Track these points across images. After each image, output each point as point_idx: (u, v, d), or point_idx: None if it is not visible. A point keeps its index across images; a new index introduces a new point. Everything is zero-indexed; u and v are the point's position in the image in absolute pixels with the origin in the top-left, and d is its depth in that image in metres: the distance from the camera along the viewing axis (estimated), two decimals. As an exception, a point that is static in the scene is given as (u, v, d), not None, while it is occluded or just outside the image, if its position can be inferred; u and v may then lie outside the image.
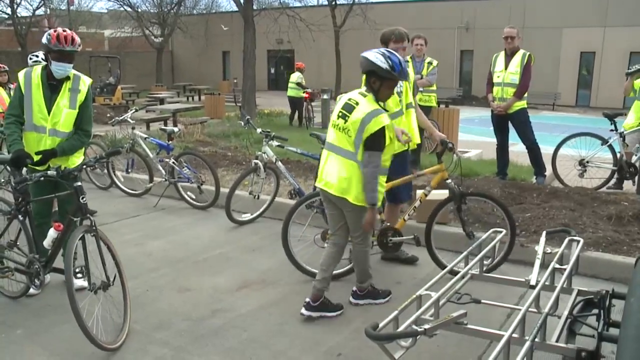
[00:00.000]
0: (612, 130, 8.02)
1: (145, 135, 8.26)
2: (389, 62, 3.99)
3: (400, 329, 2.84)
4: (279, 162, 6.90)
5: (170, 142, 7.79)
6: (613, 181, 7.95)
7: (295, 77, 17.01)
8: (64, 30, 4.42)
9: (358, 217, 4.25)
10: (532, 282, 3.35)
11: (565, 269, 3.43)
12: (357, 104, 4.10)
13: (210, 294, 4.81)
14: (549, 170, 8.12)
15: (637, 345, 2.32)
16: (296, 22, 24.99)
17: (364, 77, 4.25)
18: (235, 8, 20.03)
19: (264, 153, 6.74)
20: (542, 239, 3.83)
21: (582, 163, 8.07)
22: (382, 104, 4.20)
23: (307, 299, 4.36)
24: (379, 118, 3.99)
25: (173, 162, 7.55)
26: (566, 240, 3.87)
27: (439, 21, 30.33)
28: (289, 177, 6.80)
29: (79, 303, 3.69)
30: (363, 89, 4.23)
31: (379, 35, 5.32)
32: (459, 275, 3.55)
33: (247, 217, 6.82)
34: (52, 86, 4.50)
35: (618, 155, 7.88)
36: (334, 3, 28.29)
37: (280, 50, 34.84)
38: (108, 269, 4.06)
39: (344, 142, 4.14)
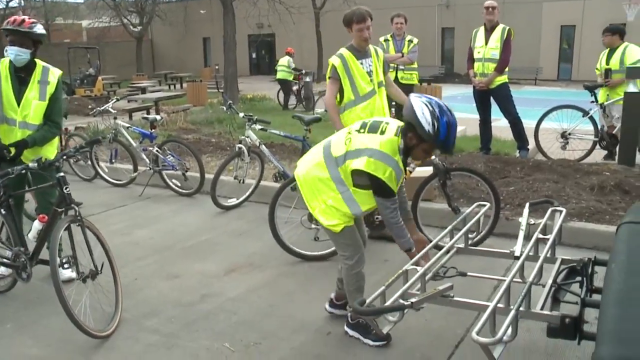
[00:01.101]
0: (592, 101, 8.08)
1: (128, 125, 8.20)
2: (436, 124, 3.16)
3: (387, 303, 2.87)
4: (263, 146, 6.89)
5: (153, 130, 7.74)
6: (604, 153, 8.05)
7: (285, 60, 17.20)
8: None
9: (329, 232, 3.67)
10: (517, 253, 3.39)
11: (548, 239, 3.48)
12: (383, 132, 3.40)
13: (198, 280, 4.82)
14: (532, 144, 8.19)
15: (617, 310, 2.37)
16: (275, 5, 24.80)
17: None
18: (213, -7, 19.86)
19: (247, 137, 6.73)
20: (526, 210, 3.88)
21: (564, 135, 8.14)
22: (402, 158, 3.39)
23: (332, 295, 4.08)
24: (382, 166, 3.28)
25: (157, 151, 7.52)
26: (549, 211, 3.91)
27: (420, -1, 30.25)
28: (273, 160, 6.79)
29: (65, 292, 3.69)
30: (399, 124, 3.47)
31: None
32: (444, 249, 3.58)
33: (232, 202, 6.81)
34: (20, 78, 4.45)
35: (599, 126, 7.95)
36: (313, -15, 28.12)
37: (260, 34, 34.61)
38: (96, 257, 4.06)
39: (337, 146, 3.53)
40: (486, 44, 7.70)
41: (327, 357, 3.62)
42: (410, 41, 8.52)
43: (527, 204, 4.01)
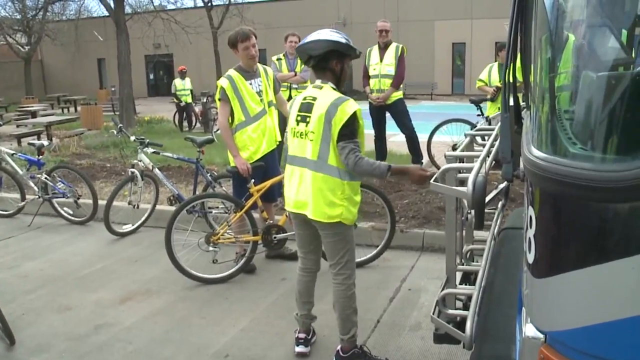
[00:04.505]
0: (479, 115, 8.50)
1: (12, 152, 7.78)
2: (344, 35, 3.42)
3: None
4: (156, 169, 6.70)
5: (40, 156, 7.40)
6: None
7: (177, 82, 16.90)
8: None
9: (336, 238, 3.46)
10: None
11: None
12: (314, 99, 3.44)
13: (92, 310, 4.64)
14: (425, 157, 8.48)
15: (492, 309, 2.51)
16: (171, 25, 24.44)
17: (311, 65, 3.50)
18: (106, 12, 19.32)
19: (140, 161, 6.54)
20: None
21: (455, 148, 8.46)
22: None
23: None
24: (345, 106, 3.32)
25: (45, 178, 7.18)
26: None
27: (316, 18, 30.62)
28: (167, 184, 6.61)
29: None
30: (317, 82, 3.54)
31: (258, 34, 5.32)
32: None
33: (128, 228, 6.61)
34: None
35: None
36: (209, 4, 27.90)
37: (156, 55, 34.01)
38: None
39: (307, 150, 3.43)
40: (381, 61, 7.93)
41: (225, 380, 3.58)
42: (303, 60, 8.63)
43: None
